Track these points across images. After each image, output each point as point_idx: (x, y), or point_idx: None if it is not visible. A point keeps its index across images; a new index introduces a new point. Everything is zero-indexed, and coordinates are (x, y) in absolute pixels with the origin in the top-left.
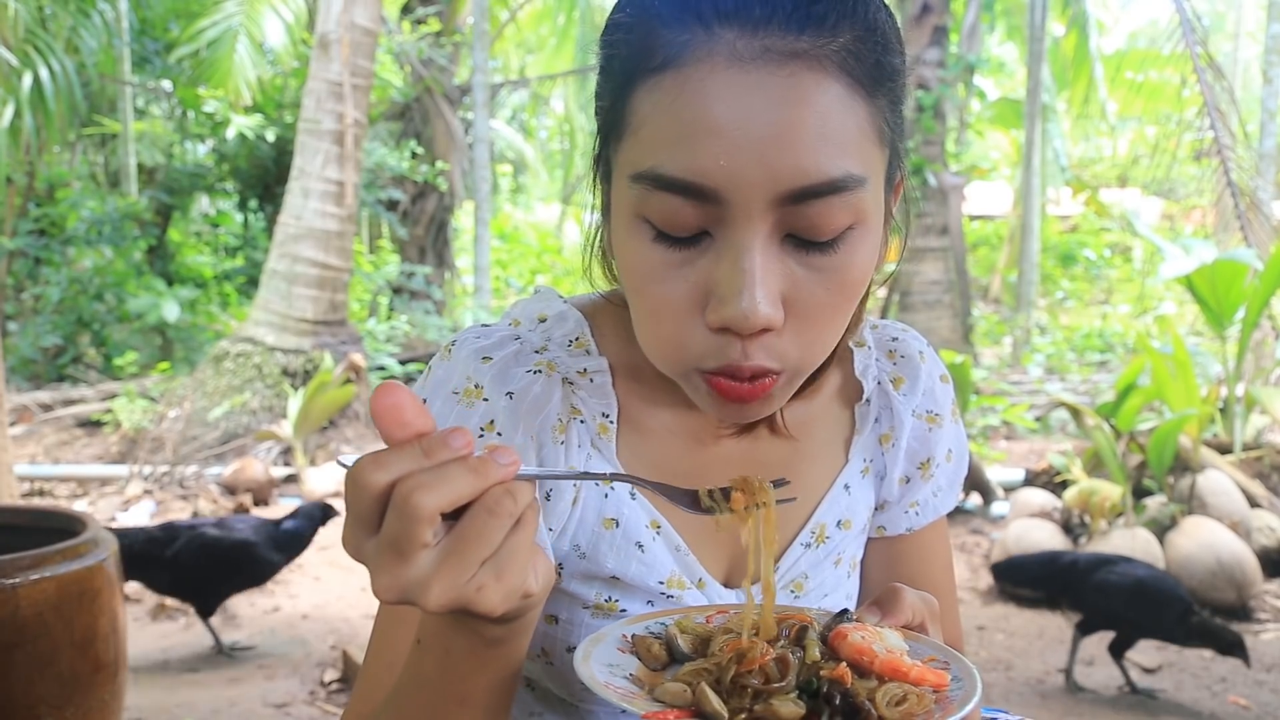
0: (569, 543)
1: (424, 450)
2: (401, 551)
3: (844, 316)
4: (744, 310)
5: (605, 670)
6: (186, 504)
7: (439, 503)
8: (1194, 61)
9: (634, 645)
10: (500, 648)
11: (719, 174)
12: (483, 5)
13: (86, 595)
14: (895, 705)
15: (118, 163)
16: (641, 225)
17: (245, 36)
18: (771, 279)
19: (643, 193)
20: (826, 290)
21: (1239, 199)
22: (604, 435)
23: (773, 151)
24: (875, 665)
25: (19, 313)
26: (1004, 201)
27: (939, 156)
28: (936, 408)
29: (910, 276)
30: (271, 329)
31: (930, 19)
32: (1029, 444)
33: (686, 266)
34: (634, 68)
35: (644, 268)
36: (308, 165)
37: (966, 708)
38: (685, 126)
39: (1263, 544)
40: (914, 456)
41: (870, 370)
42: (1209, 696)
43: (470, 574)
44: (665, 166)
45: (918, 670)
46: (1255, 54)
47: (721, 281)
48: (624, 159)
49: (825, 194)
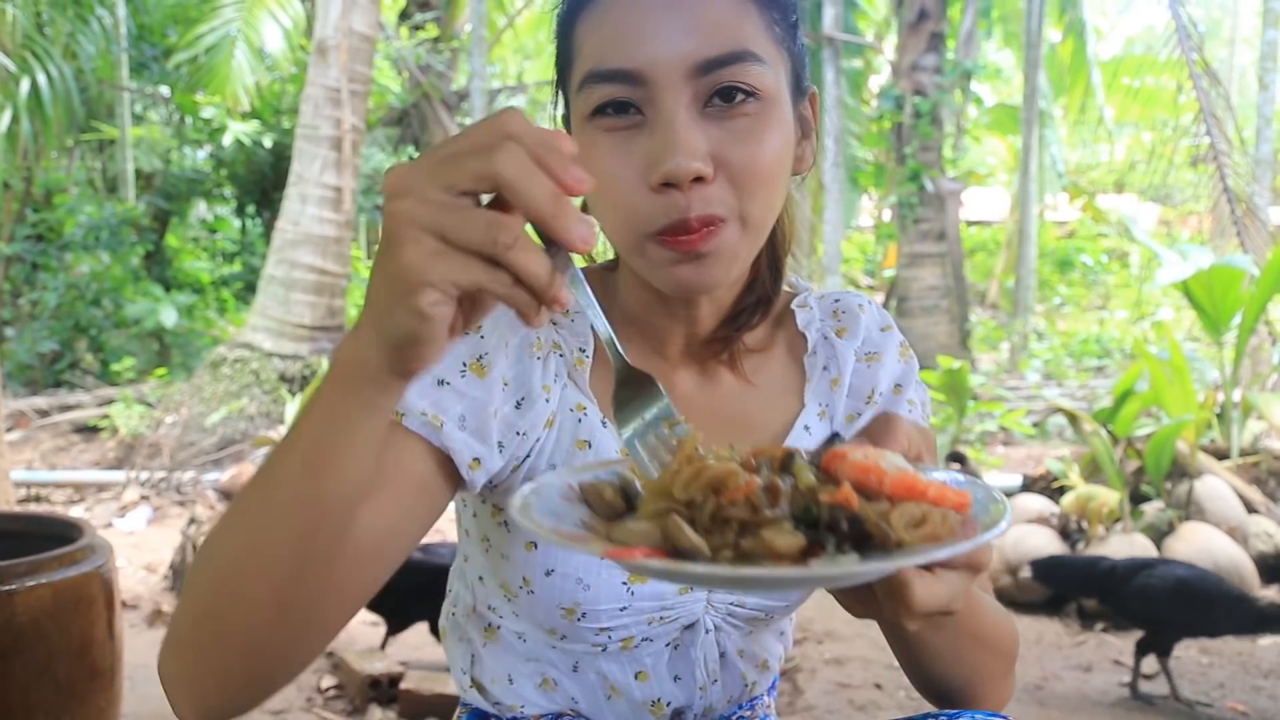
0: (545, 461)
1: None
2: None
3: (773, 179)
4: (678, 161)
5: (550, 518)
6: (183, 510)
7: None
8: (1190, 68)
9: (583, 493)
10: (383, 410)
11: (641, 56)
12: (480, 11)
13: (83, 602)
14: (914, 528)
15: (115, 168)
16: (590, 123)
17: (243, 42)
18: (696, 137)
19: (587, 95)
20: (747, 148)
21: (1235, 205)
22: (580, 368)
23: (680, 35)
24: (885, 485)
25: (16, 318)
26: (1001, 207)
27: (936, 162)
28: (875, 349)
29: (908, 282)
30: (269, 334)
31: (927, 25)
32: (1026, 449)
33: (628, 144)
34: (575, 6)
35: (597, 160)
36: (305, 171)
37: (998, 528)
38: (611, 31)
39: (1260, 549)
40: (858, 393)
41: (814, 325)
42: (1207, 703)
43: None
44: (600, 64)
45: (936, 488)
46: (1251, 60)
47: (655, 146)
48: (574, 83)
49: (729, 63)
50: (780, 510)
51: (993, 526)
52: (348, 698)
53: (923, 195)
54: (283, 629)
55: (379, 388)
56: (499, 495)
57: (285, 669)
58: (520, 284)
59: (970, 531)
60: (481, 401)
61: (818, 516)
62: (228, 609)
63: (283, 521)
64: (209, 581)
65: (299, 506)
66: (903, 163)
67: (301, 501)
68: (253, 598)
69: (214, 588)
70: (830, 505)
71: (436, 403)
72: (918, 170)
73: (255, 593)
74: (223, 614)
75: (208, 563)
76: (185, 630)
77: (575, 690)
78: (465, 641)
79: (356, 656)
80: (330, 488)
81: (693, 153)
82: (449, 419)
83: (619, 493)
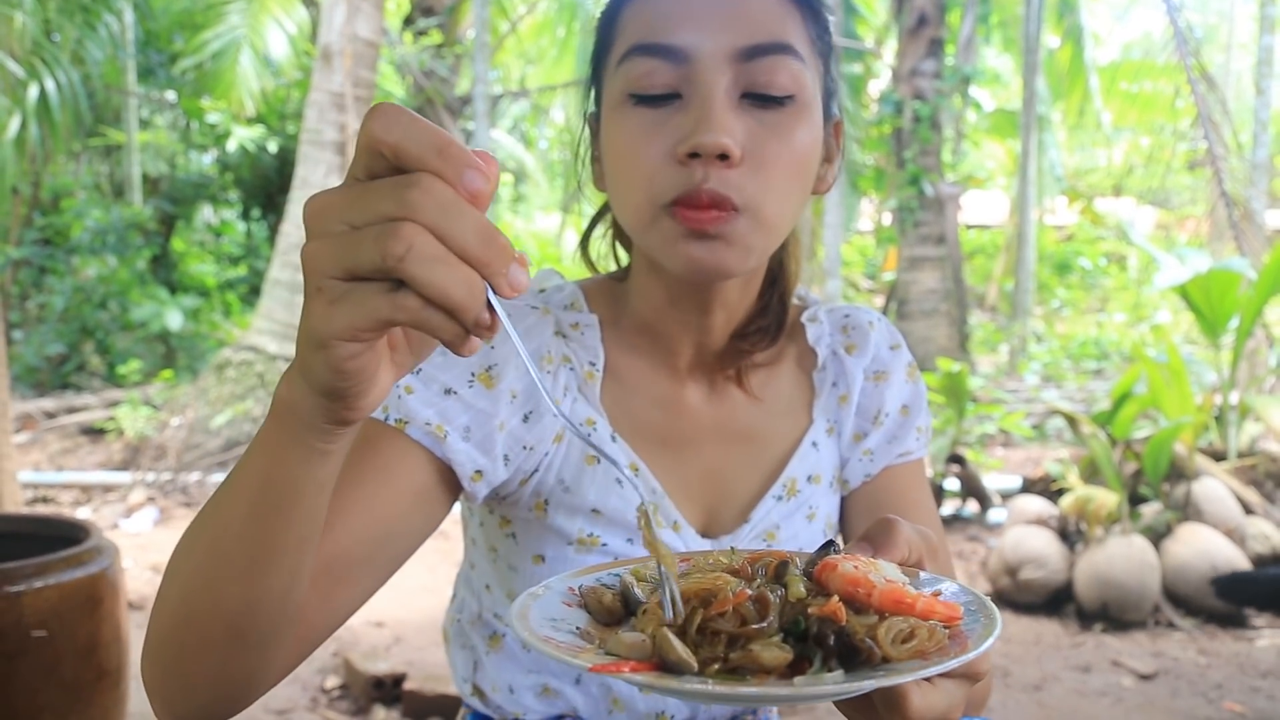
0: (554, 476)
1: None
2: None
3: (793, 179)
4: (710, 134)
5: (547, 625)
6: (189, 511)
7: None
8: (1187, 73)
9: (583, 597)
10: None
11: (687, 35)
12: (484, 17)
13: (90, 603)
14: (901, 642)
15: (122, 173)
16: (626, 100)
17: (248, 48)
18: (730, 119)
19: (628, 68)
20: (778, 144)
21: (1232, 209)
22: (590, 381)
23: (730, 19)
24: (873, 598)
25: (24, 321)
26: (1000, 211)
27: (935, 167)
28: (884, 368)
29: (907, 285)
30: (274, 337)
31: (926, 31)
32: (1025, 451)
33: (662, 125)
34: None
35: (628, 133)
36: (310, 175)
37: (987, 642)
38: (658, 9)
39: (1257, 551)
40: (865, 412)
41: (824, 340)
42: (1205, 703)
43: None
44: (645, 39)
45: (925, 602)
46: (1248, 65)
47: (689, 121)
48: (613, 60)
49: (772, 52)
50: (769, 623)
51: (984, 639)
52: (352, 698)
53: (922, 199)
54: (242, 654)
55: (319, 434)
56: (506, 507)
57: (255, 686)
58: (433, 305)
59: (960, 644)
60: (487, 413)
61: (805, 629)
62: (186, 635)
63: (232, 560)
64: (171, 602)
65: (246, 547)
66: (902, 167)
67: (248, 543)
68: (208, 626)
69: (174, 610)
70: (818, 618)
71: (442, 412)
72: (917, 174)
73: (210, 623)
74: (183, 639)
75: (171, 580)
76: (154, 642)
77: (578, 701)
78: (469, 649)
79: (361, 657)
80: (278, 531)
81: (725, 129)
82: (453, 430)
83: (618, 598)
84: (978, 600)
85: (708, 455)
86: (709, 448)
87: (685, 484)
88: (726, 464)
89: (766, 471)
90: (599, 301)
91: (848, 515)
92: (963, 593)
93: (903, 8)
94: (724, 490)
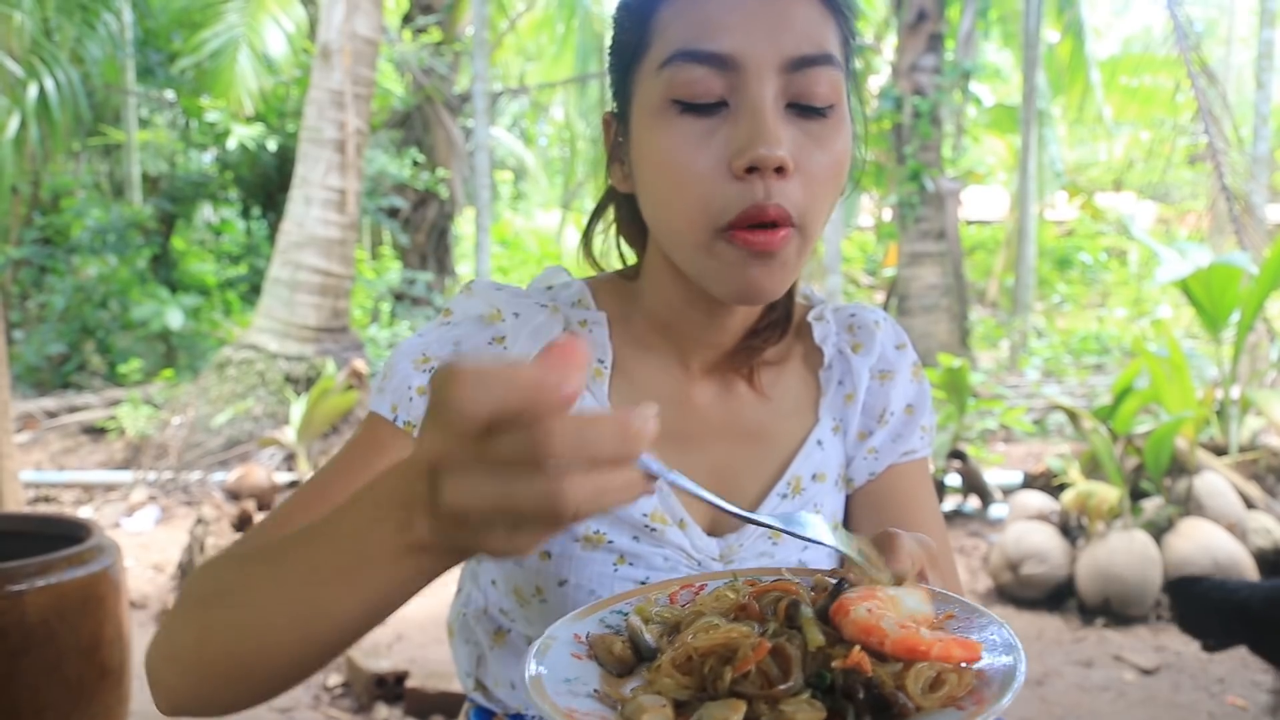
0: None
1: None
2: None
3: (833, 190)
4: (768, 146)
5: (564, 691)
6: (190, 510)
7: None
8: (1188, 67)
9: (591, 648)
10: (423, 564)
11: (736, 43)
12: (483, 14)
13: (92, 601)
14: (931, 691)
15: (122, 172)
16: (670, 107)
17: (247, 47)
18: (782, 128)
19: (671, 74)
20: (822, 155)
21: (1233, 203)
22: (598, 379)
23: (777, 28)
24: (886, 647)
25: (24, 321)
26: (1000, 206)
27: (936, 162)
28: (889, 367)
29: (908, 281)
30: (274, 336)
31: (926, 26)
32: (1026, 447)
33: (710, 136)
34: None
35: (672, 143)
36: (310, 173)
37: (1013, 687)
38: (704, 15)
39: (1259, 545)
40: (870, 411)
41: (830, 339)
42: (1207, 697)
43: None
44: (692, 45)
45: (940, 646)
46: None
47: (742, 133)
48: (649, 65)
49: (818, 63)
50: (795, 682)
51: (1009, 680)
52: (354, 695)
53: (922, 195)
54: (268, 685)
55: (433, 559)
56: None
57: (272, 696)
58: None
59: (985, 685)
60: None
61: (832, 682)
62: (213, 659)
63: (283, 630)
64: (201, 622)
65: (303, 621)
66: (903, 162)
67: (305, 619)
68: (245, 662)
69: (204, 635)
70: (843, 671)
71: None
72: (917, 170)
73: (249, 660)
74: (209, 660)
75: (202, 601)
76: (173, 642)
77: None
78: (472, 643)
79: (363, 654)
80: (346, 613)
81: (780, 141)
82: None
83: (628, 646)
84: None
85: (715, 453)
86: (717, 446)
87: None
88: (733, 462)
89: (773, 470)
90: (607, 299)
91: (852, 513)
92: (978, 620)
93: (902, 3)
94: (731, 488)
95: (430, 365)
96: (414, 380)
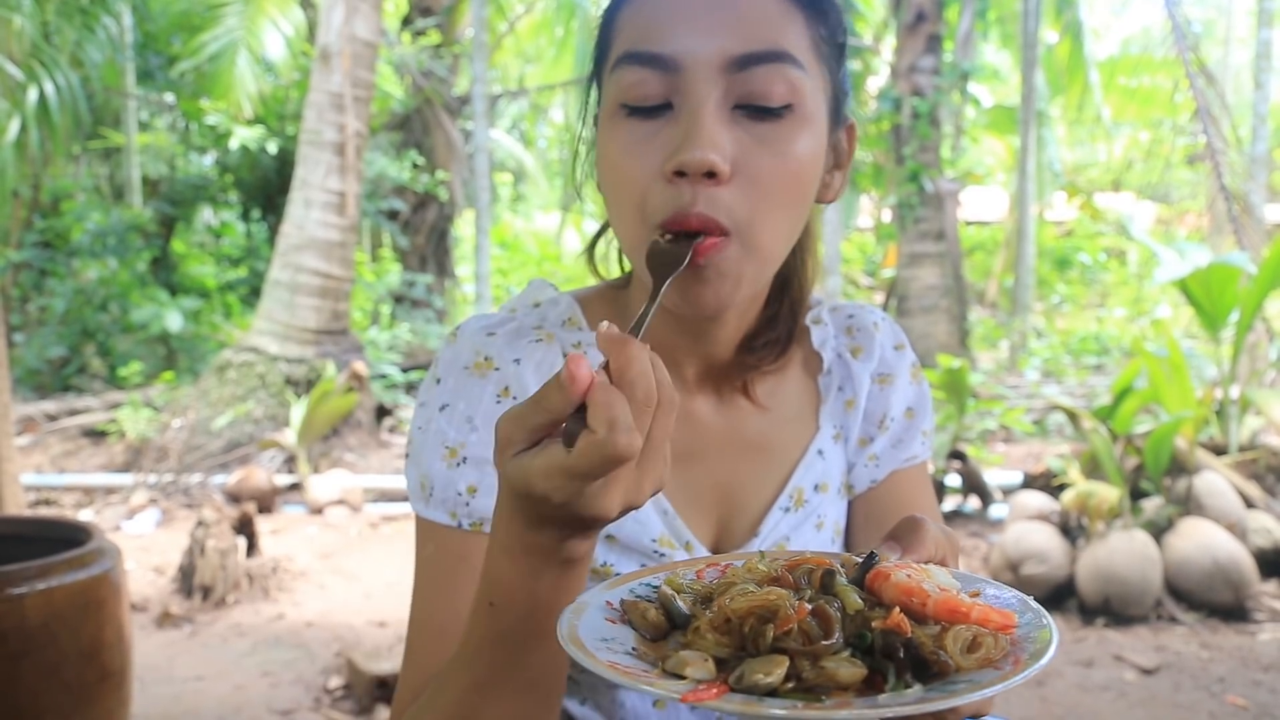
0: None
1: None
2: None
3: (786, 196)
4: (695, 152)
5: (603, 648)
6: (191, 512)
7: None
8: (1186, 67)
9: (624, 613)
10: (579, 570)
11: (678, 44)
12: (482, 17)
13: (92, 604)
14: (968, 652)
15: (122, 175)
16: (618, 111)
17: (246, 50)
18: (720, 133)
19: (618, 77)
20: (772, 159)
21: (1232, 203)
22: None
23: (721, 26)
24: (928, 608)
25: (24, 324)
26: (1000, 207)
27: (935, 163)
28: (889, 370)
29: (907, 281)
30: (274, 338)
31: (925, 27)
32: (1026, 447)
33: (653, 138)
34: (617, 1)
35: (617, 146)
36: (309, 176)
37: (1049, 651)
38: (650, 16)
39: (1259, 545)
40: (871, 417)
41: (828, 344)
42: (1208, 697)
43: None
44: (635, 47)
45: (980, 610)
46: (1246, 60)
47: (676, 135)
48: (609, 67)
49: (766, 60)
50: (836, 640)
51: (1043, 648)
52: (355, 697)
53: (922, 195)
54: None
55: (579, 545)
56: None
57: None
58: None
59: (1018, 652)
60: None
61: (871, 643)
62: None
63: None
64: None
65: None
66: (902, 163)
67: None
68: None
69: None
70: (883, 631)
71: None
72: (916, 171)
73: None
74: None
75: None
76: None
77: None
78: None
79: (364, 657)
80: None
81: (712, 145)
82: None
83: (661, 612)
84: (1028, 604)
85: (717, 468)
86: (718, 460)
87: (696, 499)
88: (736, 476)
89: (775, 482)
90: (598, 313)
91: (853, 520)
92: (1017, 600)
93: (901, 4)
94: (734, 503)
95: (461, 458)
96: (458, 483)
